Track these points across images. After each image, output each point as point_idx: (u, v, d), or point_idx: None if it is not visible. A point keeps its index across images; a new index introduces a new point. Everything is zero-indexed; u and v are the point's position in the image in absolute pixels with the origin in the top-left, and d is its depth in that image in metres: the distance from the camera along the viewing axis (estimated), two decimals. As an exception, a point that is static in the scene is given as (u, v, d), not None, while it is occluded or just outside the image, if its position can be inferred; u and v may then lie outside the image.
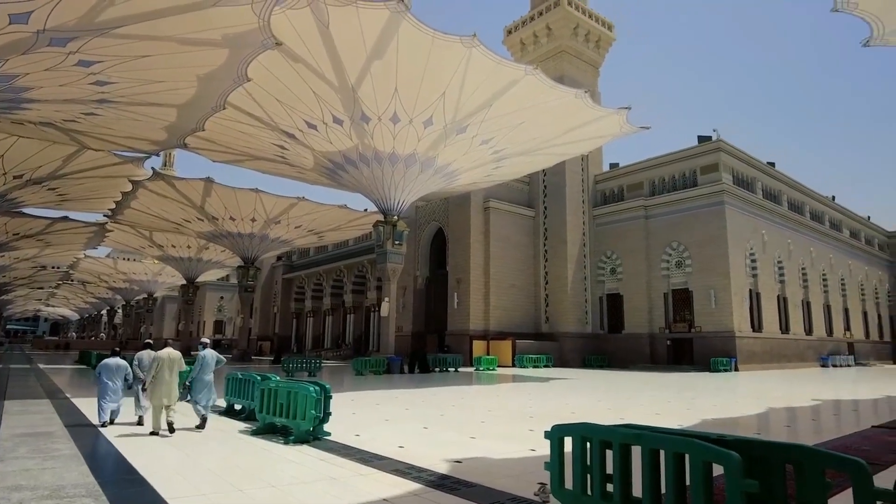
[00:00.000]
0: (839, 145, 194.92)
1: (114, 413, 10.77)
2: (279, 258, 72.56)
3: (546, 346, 42.79)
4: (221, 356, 11.36)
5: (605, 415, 13.43)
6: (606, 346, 45.11)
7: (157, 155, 30.10)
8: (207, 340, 11.49)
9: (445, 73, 22.85)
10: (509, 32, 53.75)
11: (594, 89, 49.44)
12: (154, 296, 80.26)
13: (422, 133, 26.71)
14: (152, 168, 33.02)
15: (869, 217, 67.38)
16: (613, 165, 50.64)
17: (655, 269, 43.56)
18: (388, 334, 33.32)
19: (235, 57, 17.64)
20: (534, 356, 39.30)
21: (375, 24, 19.66)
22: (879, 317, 63.72)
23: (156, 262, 64.29)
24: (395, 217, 32.07)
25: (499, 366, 36.77)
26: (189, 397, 10.62)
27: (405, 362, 32.40)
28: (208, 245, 51.55)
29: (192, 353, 16.11)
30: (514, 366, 38.17)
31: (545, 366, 39.05)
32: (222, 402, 12.88)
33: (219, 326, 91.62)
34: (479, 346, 40.15)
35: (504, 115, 26.24)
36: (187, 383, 10.61)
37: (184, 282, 60.46)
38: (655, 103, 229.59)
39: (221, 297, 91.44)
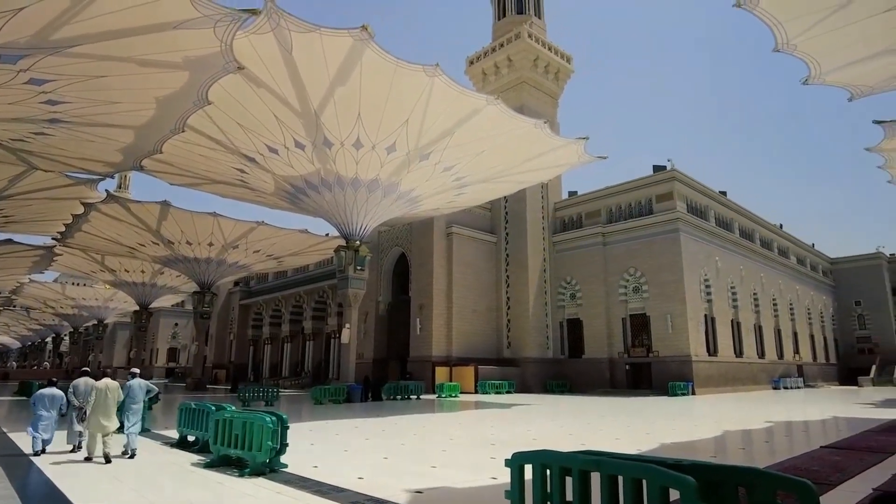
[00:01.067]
0: (786, 176, 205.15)
1: (45, 442, 11.00)
2: (236, 283, 70.85)
3: (508, 371, 42.82)
4: (152, 385, 11.96)
5: (567, 441, 13.47)
6: (567, 370, 45.47)
7: (112, 177, 29.21)
8: (137, 371, 12.29)
9: (408, 101, 23.10)
10: (471, 63, 54.91)
11: (553, 119, 50.74)
12: (104, 322, 77.05)
13: (385, 159, 26.80)
14: (106, 190, 32.00)
15: (813, 244, 70.69)
16: (572, 193, 51.80)
17: (614, 295, 44.40)
18: (349, 361, 32.78)
19: (196, 80, 17.47)
20: (496, 382, 39.27)
21: (339, 52, 19.79)
22: (825, 340, 66.42)
23: (107, 287, 61.98)
24: (358, 242, 31.84)
25: (461, 392, 36.53)
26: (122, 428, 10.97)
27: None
28: (163, 270, 50.02)
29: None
30: (476, 392, 38.00)
31: (507, 392, 39.05)
32: (174, 434, 12.40)
33: (173, 354, 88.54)
34: (441, 373, 39.85)
35: (466, 143, 26.62)
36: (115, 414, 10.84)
37: (136, 308, 58.40)
38: (612, 133, 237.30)
39: (176, 324, 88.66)
